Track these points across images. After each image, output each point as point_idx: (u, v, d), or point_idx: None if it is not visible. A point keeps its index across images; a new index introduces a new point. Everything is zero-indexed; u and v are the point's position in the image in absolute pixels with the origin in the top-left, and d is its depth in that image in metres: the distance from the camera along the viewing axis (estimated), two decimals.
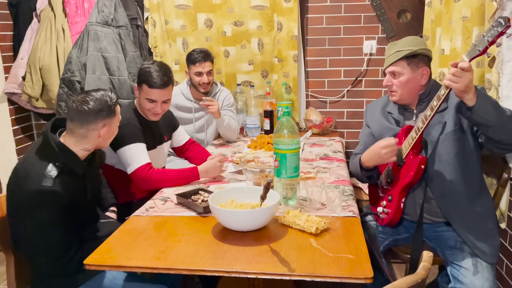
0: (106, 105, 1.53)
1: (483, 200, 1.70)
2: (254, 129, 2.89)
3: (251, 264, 1.23)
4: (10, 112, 3.07)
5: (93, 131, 1.53)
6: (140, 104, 2.02)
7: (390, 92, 1.79)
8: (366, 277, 1.15)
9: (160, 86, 1.92)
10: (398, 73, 1.73)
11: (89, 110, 1.50)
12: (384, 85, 1.79)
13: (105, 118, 1.54)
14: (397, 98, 1.77)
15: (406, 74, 1.72)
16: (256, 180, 1.78)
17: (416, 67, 1.71)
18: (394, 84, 1.75)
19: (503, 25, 1.32)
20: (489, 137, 1.53)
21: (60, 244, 1.45)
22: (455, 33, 2.14)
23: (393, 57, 1.73)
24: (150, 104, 1.96)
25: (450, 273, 1.64)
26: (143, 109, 2.02)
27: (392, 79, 1.75)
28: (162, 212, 1.64)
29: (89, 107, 1.50)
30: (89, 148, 1.56)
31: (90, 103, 1.50)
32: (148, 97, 1.95)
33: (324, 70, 3.06)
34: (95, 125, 1.52)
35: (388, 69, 1.76)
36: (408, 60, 1.71)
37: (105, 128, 1.55)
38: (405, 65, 1.72)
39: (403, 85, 1.73)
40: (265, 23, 2.94)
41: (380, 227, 1.84)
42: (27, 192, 1.41)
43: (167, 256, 1.30)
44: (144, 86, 1.94)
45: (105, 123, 1.54)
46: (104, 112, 1.53)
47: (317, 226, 1.39)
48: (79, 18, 2.88)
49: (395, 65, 1.73)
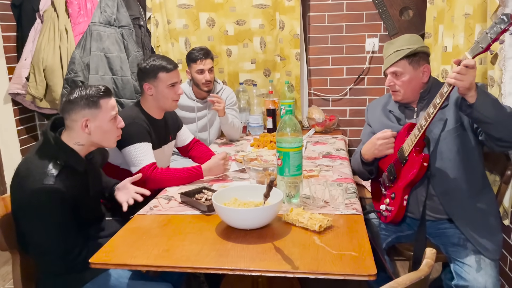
0: (86, 95, 1.52)
1: (485, 197, 1.70)
2: (257, 127, 2.90)
3: (255, 261, 1.24)
4: (14, 113, 3.08)
5: (75, 122, 1.52)
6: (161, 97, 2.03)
7: (393, 92, 1.79)
8: (370, 274, 1.16)
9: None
10: (400, 73, 1.73)
11: (71, 99, 1.51)
12: (387, 85, 1.79)
13: (85, 108, 1.52)
14: (400, 98, 1.77)
15: (408, 73, 1.72)
16: (259, 178, 1.79)
17: (418, 65, 1.71)
18: (396, 84, 1.75)
19: (506, 22, 1.32)
20: (489, 134, 1.54)
21: (64, 243, 1.46)
22: (458, 30, 2.14)
23: (393, 57, 1.72)
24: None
25: (454, 270, 1.65)
26: (165, 101, 2.04)
27: (395, 80, 1.75)
28: (166, 211, 1.65)
29: (71, 97, 1.52)
30: (82, 143, 1.54)
31: (75, 94, 1.52)
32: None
33: (326, 68, 3.06)
34: (75, 115, 1.52)
35: (390, 70, 1.75)
36: (409, 59, 1.71)
37: (89, 122, 1.53)
38: (407, 65, 1.71)
39: (406, 84, 1.73)
40: (267, 22, 2.94)
41: (383, 225, 1.84)
42: (29, 191, 1.41)
43: (171, 255, 1.30)
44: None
45: (85, 115, 1.52)
46: (82, 102, 1.51)
47: (321, 224, 1.39)
48: (82, 18, 2.89)
49: (396, 65, 1.72)
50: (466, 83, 1.42)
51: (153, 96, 2.04)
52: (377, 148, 1.69)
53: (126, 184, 1.78)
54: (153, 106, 2.07)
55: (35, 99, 2.91)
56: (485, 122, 1.49)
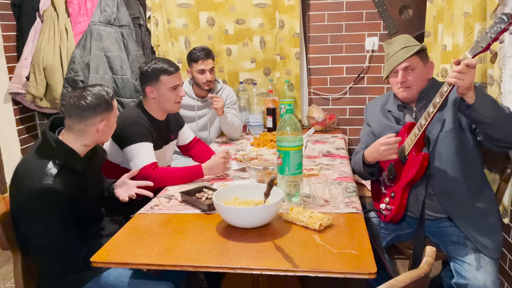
0: (103, 99, 1.53)
1: (485, 196, 1.71)
2: (257, 126, 2.90)
3: (256, 260, 1.25)
4: (14, 112, 3.08)
5: (92, 126, 1.53)
6: (162, 96, 2.02)
7: (406, 88, 1.74)
8: (370, 272, 1.16)
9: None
10: (413, 67, 1.72)
11: (87, 105, 1.50)
12: (400, 82, 1.74)
13: (103, 112, 1.54)
14: (412, 93, 1.74)
15: (420, 68, 1.73)
16: (260, 177, 1.79)
17: (426, 60, 1.74)
18: (409, 80, 1.73)
19: (506, 22, 1.32)
20: (488, 135, 1.54)
21: (64, 242, 1.46)
22: (457, 29, 2.14)
23: (403, 53, 1.71)
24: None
25: (453, 268, 1.65)
26: (167, 103, 2.05)
27: (407, 75, 1.73)
28: (166, 210, 1.65)
29: (86, 102, 1.50)
30: (89, 143, 1.56)
31: (88, 98, 1.51)
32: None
33: (326, 67, 3.06)
34: (93, 120, 1.52)
35: (402, 65, 1.72)
36: (419, 55, 1.72)
37: (103, 122, 1.55)
38: (418, 60, 1.73)
39: (418, 79, 1.73)
40: (267, 21, 2.95)
41: (383, 223, 1.85)
42: (28, 191, 1.41)
43: (172, 253, 1.31)
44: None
45: (103, 118, 1.55)
46: (102, 106, 1.53)
47: (321, 223, 1.40)
48: (81, 18, 2.89)
49: (409, 60, 1.71)
50: (466, 83, 1.42)
51: (155, 99, 2.04)
52: (381, 153, 1.69)
53: (124, 180, 1.78)
54: (155, 108, 2.07)
55: (35, 99, 2.91)
56: (484, 123, 1.49)
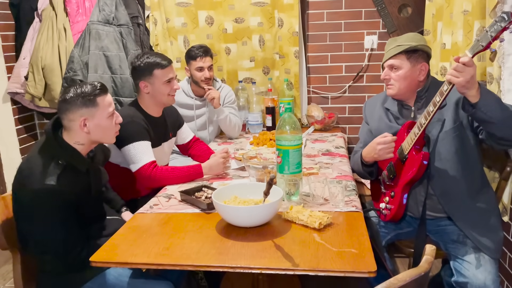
0: (82, 94, 1.50)
1: (485, 195, 1.70)
2: (256, 125, 2.90)
3: (255, 259, 1.24)
4: (13, 112, 3.08)
5: (73, 122, 1.50)
6: (154, 94, 2.02)
7: (388, 85, 1.78)
8: (370, 271, 1.16)
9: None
10: (397, 66, 1.73)
11: (68, 99, 1.49)
12: (382, 79, 1.79)
13: (82, 107, 1.50)
14: (394, 92, 1.77)
15: (405, 68, 1.72)
16: (259, 176, 1.79)
17: (416, 62, 1.71)
18: (392, 77, 1.75)
19: (506, 20, 1.31)
20: (492, 133, 1.52)
21: (65, 242, 1.46)
22: (456, 27, 2.14)
23: (393, 51, 1.73)
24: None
25: (453, 267, 1.65)
26: (162, 97, 2.04)
27: (391, 73, 1.75)
28: (166, 209, 1.65)
29: (67, 96, 1.49)
30: (82, 142, 1.53)
31: (70, 93, 1.50)
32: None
33: (325, 66, 3.05)
34: (72, 115, 1.50)
35: (387, 63, 1.76)
36: (408, 55, 1.71)
37: (87, 121, 1.51)
38: (405, 59, 1.72)
39: (401, 79, 1.73)
40: (266, 20, 2.94)
41: (382, 222, 1.85)
42: (31, 190, 1.41)
43: (172, 253, 1.31)
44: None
45: (83, 114, 1.50)
46: (79, 101, 1.49)
47: (320, 221, 1.40)
48: (80, 17, 2.88)
49: (395, 58, 1.73)
50: (462, 80, 1.41)
51: (150, 94, 2.03)
52: (377, 153, 1.69)
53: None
54: (150, 104, 2.06)
55: (34, 98, 2.91)
56: (488, 122, 1.47)
